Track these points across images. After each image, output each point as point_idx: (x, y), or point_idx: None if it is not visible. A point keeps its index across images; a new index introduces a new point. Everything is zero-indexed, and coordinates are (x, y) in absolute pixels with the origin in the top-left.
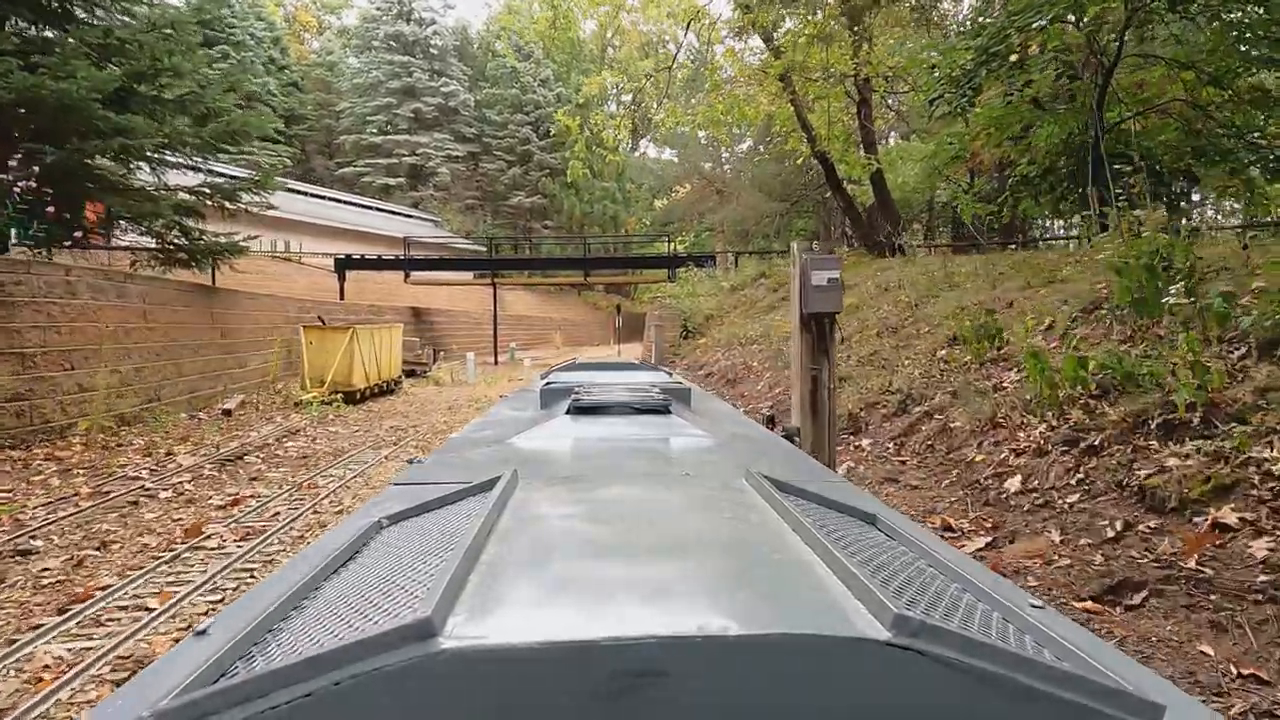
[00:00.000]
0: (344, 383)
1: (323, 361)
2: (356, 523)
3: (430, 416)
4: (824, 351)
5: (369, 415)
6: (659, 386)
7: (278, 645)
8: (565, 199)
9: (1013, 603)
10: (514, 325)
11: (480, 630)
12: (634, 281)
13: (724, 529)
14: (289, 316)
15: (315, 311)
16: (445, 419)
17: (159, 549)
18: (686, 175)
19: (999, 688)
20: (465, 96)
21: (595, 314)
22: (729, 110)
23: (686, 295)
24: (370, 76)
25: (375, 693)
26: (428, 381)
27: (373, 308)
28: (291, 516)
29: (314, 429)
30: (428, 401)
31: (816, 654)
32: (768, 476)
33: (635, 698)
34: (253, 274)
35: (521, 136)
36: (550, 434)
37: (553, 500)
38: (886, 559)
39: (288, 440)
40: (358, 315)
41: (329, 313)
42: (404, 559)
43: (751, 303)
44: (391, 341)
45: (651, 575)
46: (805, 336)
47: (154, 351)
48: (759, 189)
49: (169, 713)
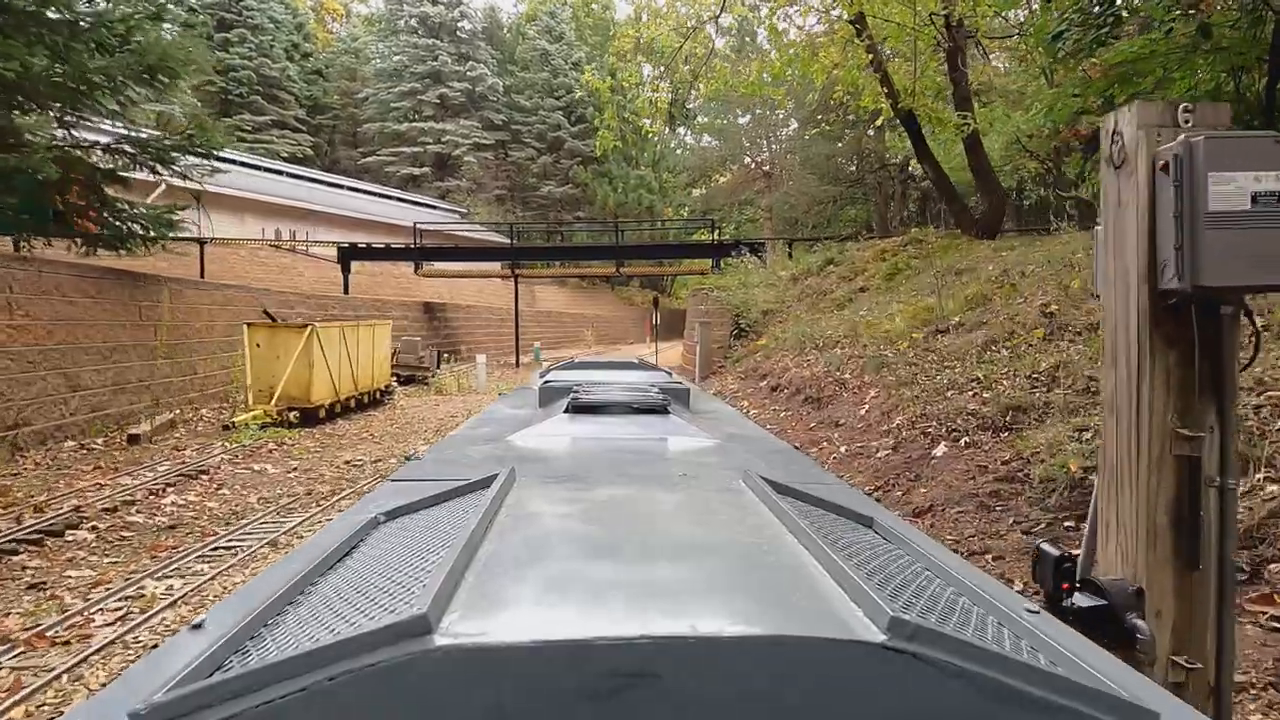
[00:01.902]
0: (300, 397)
1: (272, 370)
2: (353, 518)
3: (409, 443)
4: (1215, 392)
5: (326, 443)
6: (658, 386)
7: (273, 640)
8: (598, 188)
9: (1008, 607)
10: (542, 322)
11: (475, 628)
12: (672, 273)
13: (720, 530)
14: (268, 311)
15: (306, 305)
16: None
17: None
18: (731, 158)
19: (993, 692)
20: (494, 81)
21: (629, 310)
22: (788, 66)
23: (738, 286)
24: (395, 61)
25: (369, 689)
26: (429, 390)
27: (376, 302)
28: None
29: (231, 467)
30: (416, 419)
31: (811, 656)
32: (765, 478)
33: (629, 698)
34: (254, 266)
35: (552, 123)
36: (548, 432)
37: (550, 499)
38: (883, 562)
39: (173, 491)
40: (357, 311)
41: (331, 308)
42: (400, 555)
43: (819, 294)
44: (375, 342)
45: (647, 576)
46: (1162, 351)
47: (26, 359)
48: (810, 171)
49: (163, 706)
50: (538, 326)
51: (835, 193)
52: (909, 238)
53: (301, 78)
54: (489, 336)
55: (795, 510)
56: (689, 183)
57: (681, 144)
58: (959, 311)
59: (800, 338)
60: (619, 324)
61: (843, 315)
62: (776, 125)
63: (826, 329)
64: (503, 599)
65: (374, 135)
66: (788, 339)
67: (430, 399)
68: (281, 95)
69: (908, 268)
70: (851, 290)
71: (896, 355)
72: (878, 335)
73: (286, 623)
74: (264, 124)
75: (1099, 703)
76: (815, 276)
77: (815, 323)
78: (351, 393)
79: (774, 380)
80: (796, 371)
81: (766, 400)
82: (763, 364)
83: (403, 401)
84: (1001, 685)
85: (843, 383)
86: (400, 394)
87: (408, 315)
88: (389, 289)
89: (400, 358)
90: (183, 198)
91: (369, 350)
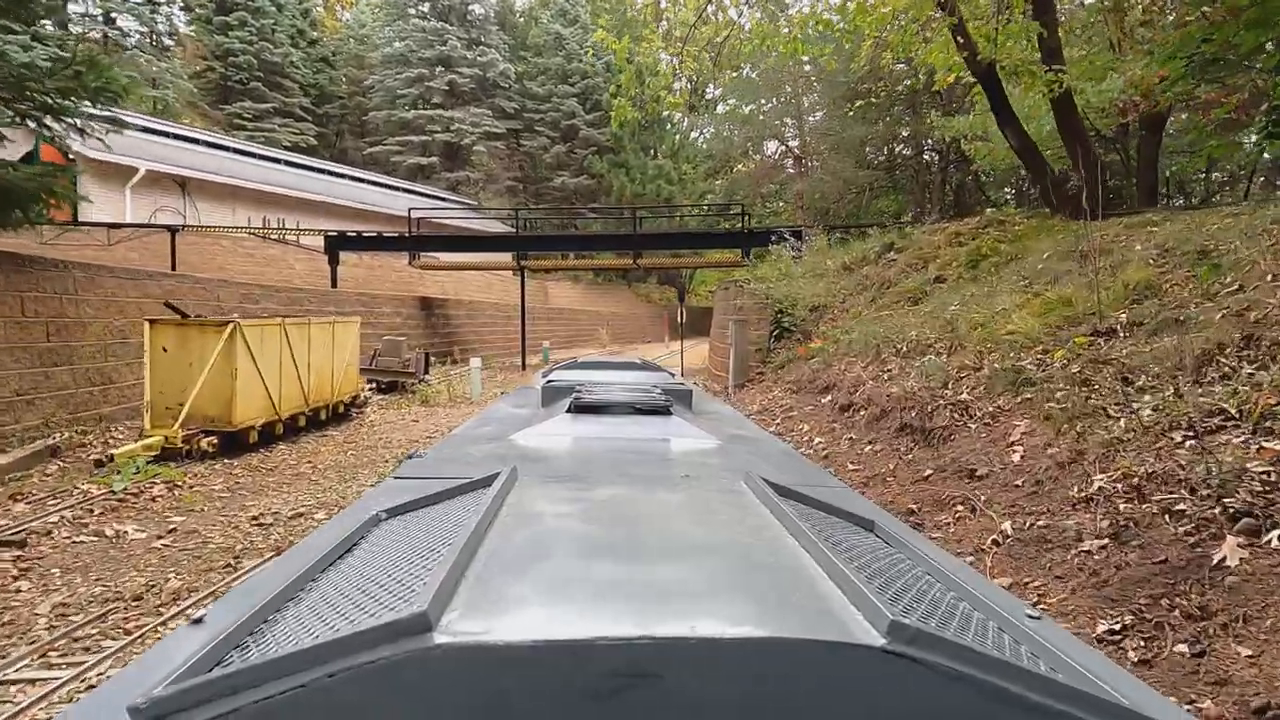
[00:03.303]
0: (220, 417)
1: (183, 381)
2: (354, 515)
3: (362, 479)
4: None
5: (242, 483)
6: (660, 387)
7: (273, 636)
8: (614, 179)
9: (1009, 612)
10: (554, 320)
11: (475, 627)
12: (697, 265)
13: (721, 532)
14: (224, 307)
15: (275, 300)
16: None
17: None
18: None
19: (992, 697)
20: (505, 67)
21: (647, 308)
22: (839, 16)
23: (778, 278)
24: (402, 46)
25: (369, 686)
26: (414, 399)
27: (364, 297)
28: None
29: (71, 531)
30: (383, 442)
31: (811, 659)
32: (767, 480)
33: (629, 698)
34: (239, 258)
35: (566, 110)
36: (550, 432)
37: (551, 498)
38: (883, 565)
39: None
40: (341, 307)
41: (307, 303)
42: (401, 553)
43: (881, 286)
44: (338, 343)
45: (648, 576)
46: None
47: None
48: (846, 154)
49: (163, 700)
50: (550, 325)
51: (870, 179)
52: (987, 219)
53: (307, 65)
54: (496, 335)
55: (796, 512)
56: (709, 173)
57: (702, 133)
58: (1118, 305)
59: (871, 339)
60: (635, 322)
61: (924, 311)
62: (806, 110)
63: (906, 329)
64: (503, 598)
65: (380, 124)
66: (853, 341)
67: (412, 411)
68: (284, 82)
69: (994, 253)
70: (923, 281)
71: (1042, 368)
72: (997, 338)
73: (287, 619)
74: (265, 111)
75: (1099, 708)
76: (873, 265)
77: (885, 321)
78: (300, 408)
79: (842, 396)
80: (876, 386)
81: (835, 424)
82: (821, 373)
83: (375, 415)
84: (1001, 690)
85: (963, 406)
86: (376, 405)
87: (401, 312)
88: (388, 284)
89: (380, 361)
90: (168, 186)
91: (327, 353)
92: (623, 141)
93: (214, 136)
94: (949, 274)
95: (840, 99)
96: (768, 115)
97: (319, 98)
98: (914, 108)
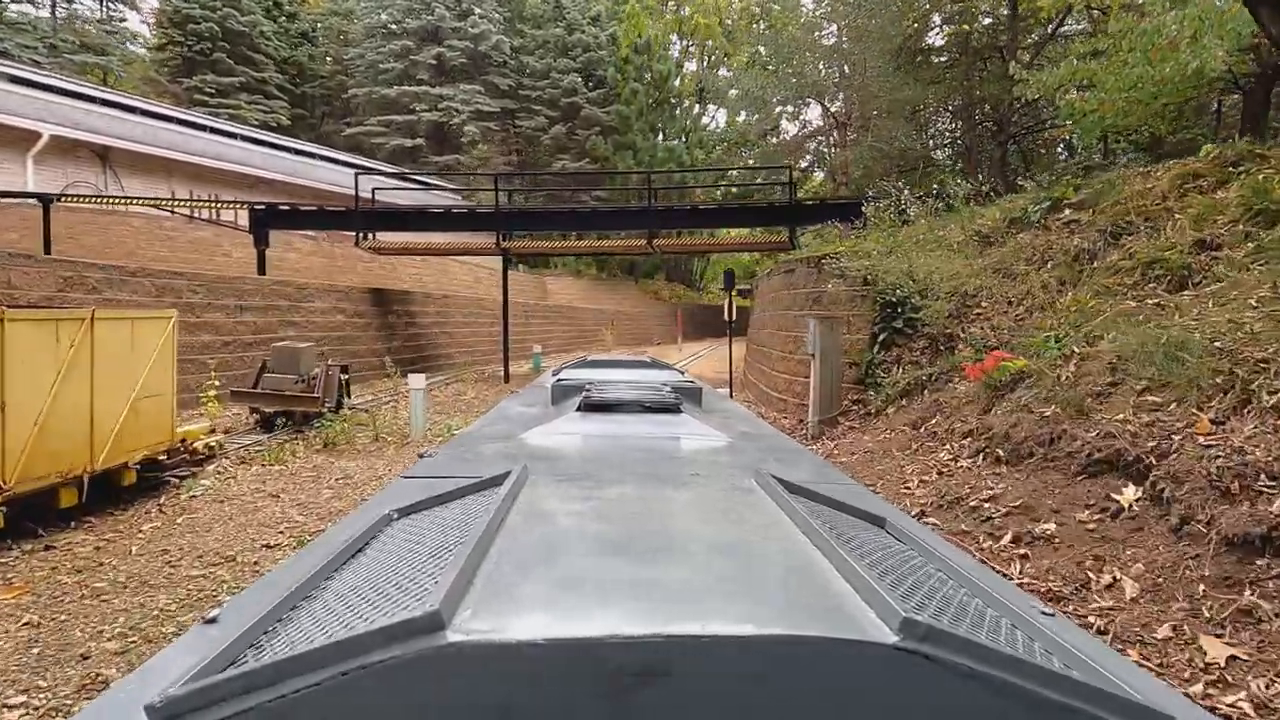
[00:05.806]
0: None
1: None
2: (367, 514)
3: None
4: None
5: None
6: (670, 385)
7: (287, 635)
8: (619, 162)
9: (1022, 609)
10: (553, 319)
11: (487, 625)
12: (728, 248)
13: (731, 529)
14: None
15: (137, 290)
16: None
17: None
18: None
19: (1006, 694)
20: (499, 39)
21: (655, 305)
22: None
23: (880, 254)
24: (385, 15)
25: (382, 684)
26: (316, 440)
27: (285, 288)
28: None
29: None
30: (161, 572)
31: (822, 656)
32: (777, 477)
33: (640, 696)
34: (155, 242)
35: (566, 86)
36: (560, 430)
37: (562, 497)
38: (895, 562)
39: None
40: (269, 301)
41: (202, 294)
42: (413, 552)
43: (1066, 262)
44: (136, 356)
45: (659, 574)
46: None
47: None
48: (904, 118)
49: (178, 699)
50: (548, 324)
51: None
52: (1238, 151)
53: (283, 39)
54: (480, 339)
55: (807, 510)
56: (731, 147)
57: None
58: None
59: (1161, 349)
60: (643, 321)
61: (1228, 300)
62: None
63: (1237, 336)
64: (515, 596)
65: (362, 103)
66: (1121, 354)
67: (300, 463)
68: (254, 56)
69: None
70: (1168, 249)
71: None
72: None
73: (300, 618)
74: (230, 86)
75: (1113, 706)
76: (1034, 231)
77: (1146, 322)
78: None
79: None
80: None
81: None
82: (1040, 425)
83: (221, 478)
84: (1014, 687)
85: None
86: (238, 455)
87: (343, 308)
88: (354, 275)
89: (268, 380)
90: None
91: (102, 378)
92: (629, 121)
93: (143, 102)
94: (1222, 239)
95: (896, 52)
96: (809, 74)
97: (298, 76)
98: (983, 61)
